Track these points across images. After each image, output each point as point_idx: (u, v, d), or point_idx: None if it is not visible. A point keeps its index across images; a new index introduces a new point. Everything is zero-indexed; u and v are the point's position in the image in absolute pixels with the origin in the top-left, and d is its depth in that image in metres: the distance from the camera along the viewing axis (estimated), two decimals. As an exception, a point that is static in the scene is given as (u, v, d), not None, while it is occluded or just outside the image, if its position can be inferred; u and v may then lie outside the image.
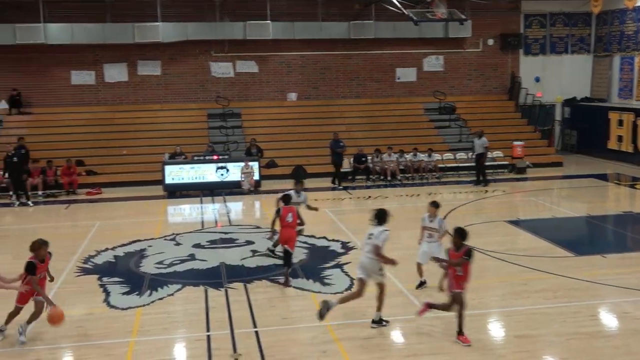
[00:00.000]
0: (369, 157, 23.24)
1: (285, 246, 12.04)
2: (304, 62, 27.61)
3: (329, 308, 9.62)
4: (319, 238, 15.10)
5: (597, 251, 13.89)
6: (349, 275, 12.39)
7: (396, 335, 9.81)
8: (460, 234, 9.43)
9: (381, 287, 9.91)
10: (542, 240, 14.74)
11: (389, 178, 22.77)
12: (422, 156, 23.57)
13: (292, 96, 27.51)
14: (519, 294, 11.26)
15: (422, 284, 11.62)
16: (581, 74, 29.71)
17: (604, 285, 11.63)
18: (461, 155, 24.70)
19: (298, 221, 12.50)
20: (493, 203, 19.34)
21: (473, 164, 22.88)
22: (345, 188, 21.71)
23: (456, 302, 9.31)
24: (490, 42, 28.68)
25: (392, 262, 9.73)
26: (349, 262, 13.21)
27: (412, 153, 23.57)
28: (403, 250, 14.25)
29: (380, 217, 9.97)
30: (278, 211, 12.38)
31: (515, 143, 24.50)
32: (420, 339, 9.51)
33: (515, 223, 16.53)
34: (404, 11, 23.64)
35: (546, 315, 10.27)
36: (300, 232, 13.27)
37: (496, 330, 10.05)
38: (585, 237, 16.13)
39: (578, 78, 29.56)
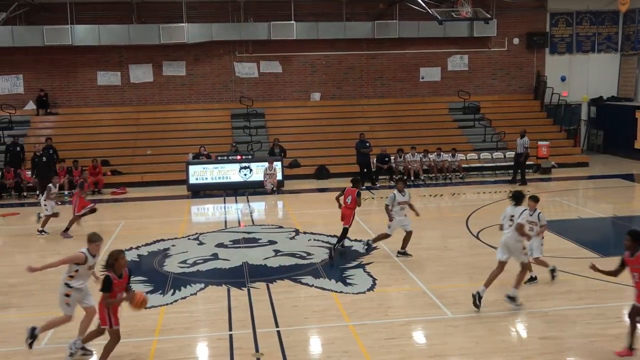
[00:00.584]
0: (392, 157, 23.18)
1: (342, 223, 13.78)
2: (327, 62, 27.64)
3: (480, 297, 10.29)
4: (341, 238, 15.07)
5: (623, 252, 13.66)
6: (371, 275, 12.38)
7: (418, 336, 9.78)
8: (636, 237, 8.82)
9: (523, 266, 10.58)
10: (568, 241, 14.59)
11: (412, 178, 22.68)
12: (446, 156, 23.46)
13: (316, 96, 27.55)
14: (544, 295, 11.15)
15: (532, 279, 11.56)
16: (608, 73, 29.33)
17: (630, 287, 11.44)
18: (485, 155, 24.54)
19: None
20: (517, 203, 19.16)
21: (506, 164, 23.28)
22: (368, 188, 21.68)
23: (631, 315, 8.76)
24: (516, 41, 28.45)
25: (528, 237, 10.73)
26: (371, 262, 13.21)
27: (435, 153, 23.46)
28: (426, 250, 14.30)
29: (518, 197, 10.84)
30: (343, 190, 14.16)
31: (541, 143, 24.27)
32: (443, 339, 9.46)
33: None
34: (429, 10, 23.56)
35: (570, 317, 10.17)
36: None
37: (520, 331, 9.97)
38: (611, 238, 15.92)
39: (605, 77, 29.19)
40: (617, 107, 27.82)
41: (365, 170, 22.41)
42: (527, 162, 23.72)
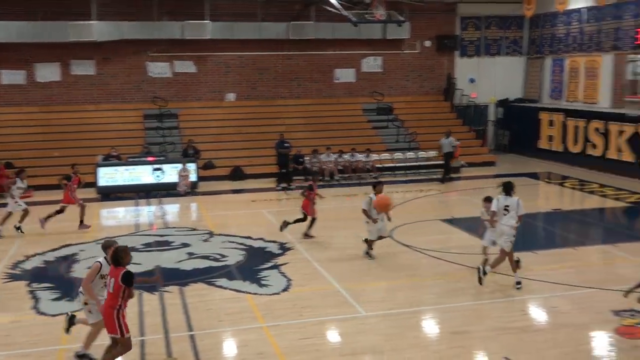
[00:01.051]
0: (307, 158, 23.29)
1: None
2: (242, 62, 27.44)
3: (482, 275, 11.28)
4: (255, 239, 15.03)
5: (528, 248, 14.26)
6: (285, 276, 12.38)
7: (332, 335, 9.86)
8: None
9: (506, 253, 11.42)
10: (476, 238, 15.01)
11: (327, 178, 22.85)
12: (360, 156, 23.76)
13: (231, 96, 27.32)
14: (454, 291, 11.44)
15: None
16: (514, 76, 30.47)
17: (534, 281, 11.94)
18: (398, 155, 25.00)
19: None
20: (428, 202, 19.65)
21: (419, 163, 24.04)
22: (283, 189, 21.68)
23: None
24: (428, 43, 29.12)
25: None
26: (286, 263, 13.21)
27: (350, 153, 23.72)
28: (340, 249, 14.42)
29: (509, 187, 11.50)
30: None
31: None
32: (356, 337, 9.56)
33: (450, 222, 16.82)
34: (343, 12, 23.78)
35: (479, 312, 10.49)
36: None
37: (432, 327, 10.21)
38: (517, 235, 16.48)
39: (511, 79, 30.31)
40: (523, 109, 28.93)
41: (284, 170, 22.41)
42: (437, 162, 24.38)
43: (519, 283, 11.42)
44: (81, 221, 16.25)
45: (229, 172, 23.46)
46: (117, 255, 8.09)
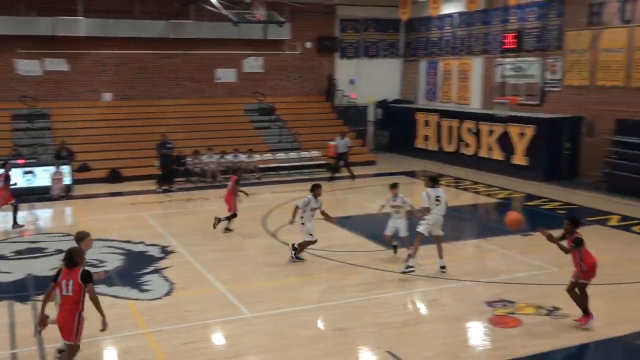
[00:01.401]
0: (188, 159, 22.89)
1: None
2: (120, 61, 26.55)
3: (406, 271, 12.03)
4: (136, 243, 14.59)
5: (406, 244, 14.69)
6: (168, 280, 12.09)
7: (217, 337, 9.74)
8: (572, 222, 9.81)
9: (440, 239, 12.38)
10: (357, 235, 15.36)
11: (209, 179, 22.56)
12: (243, 157, 23.63)
13: (107, 96, 26.39)
14: (336, 288, 11.61)
15: (394, 247, 13.45)
16: (392, 77, 31.40)
17: (413, 276, 12.32)
18: (281, 155, 25.09)
19: None
20: (312, 201, 19.81)
21: (302, 164, 24.49)
22: (165, 191, 21.19)
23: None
24: (308, 44, 29.42)
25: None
26: (169, 267, 12.91)
27: (232, 154, 23.54)
28: (224, 251, 14.30)
29: (435, 180, 12.43)
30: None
31: (331, 143, 25.31)
32: (241, 339, 9.49)
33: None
34: (223, 11, 23.56)
35: (362, 308, 10.69)
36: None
37: (316, 325, 10.29)
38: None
39: (389, 81, 31.21)
40: (400, 109, 29.86)
41: (167, 172, 21.86)
42: (320, 162, 24.71)
43: (443, 267, 12.39)
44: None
45: (106, 174, 22.64)
46: (74, 256, 7.92)
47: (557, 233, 10.02)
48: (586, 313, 9.74)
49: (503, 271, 12.73)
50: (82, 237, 8.89)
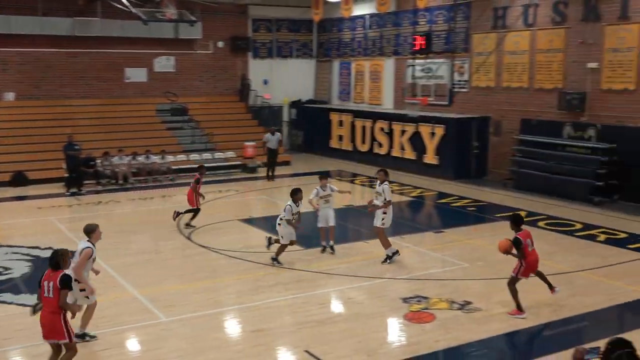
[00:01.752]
0: (98, 161, 22.24)
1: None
2: (23, 59, 25.46)
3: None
4: (44, 249, 14.04)
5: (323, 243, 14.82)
6: (79, 286, 11.69)
7: (133, 344, 9.51)
8: (513, 220, 10.44)
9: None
10: (274, 236, 15.30)
11: (120, 181, 21.99)
12: (155, 158, 23.16)
13: (10, 96, 25.25)
14: (254, 289, 11.55)
15: (324, 247, 13.85)
16: (305, 77, 31.56)
17: (330, 275, 12.44)
18: (195, 156, 24.75)
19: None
20: (227, 203, 19.67)
21: (216, 164, 24.17)
22: (73, 194, 20.50)
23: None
24: (221, 44, 29.15)
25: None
26: (79, 272, 12.49)
27: (144, 155, 23.02)
28: (137, 254, 13.98)
29: (385, 174, 13.17)
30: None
31: (247, 143, 25.22)
32: (158, 344, 9.30)
33: (248, 221, 16.98)
34: (132, 10, 23.01)
35: (279, 308, 10.69)
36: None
37: (233, 327, 10.22)
38: (313, 231, 17.09)
39: (303, 81, 31.36)
40: (314, 109, 30.04)
41: (74, 174, 21.14)
42: (235, 163, 24.54)
43: (388, 257, 12.98)
44: None
45: (10, 177, 21.68)
46: (58, 258, 7.97)
47: (467, 230, 10.33)
48: (520, 308, 10.22)
49: (417, 268, 13.02)
50: (91, 229, 9.27)
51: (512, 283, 10.29)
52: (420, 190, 21.22)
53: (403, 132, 24.73)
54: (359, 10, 27.88)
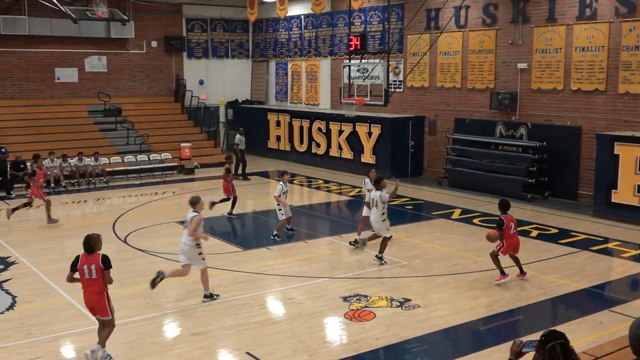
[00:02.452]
0: (28, 164, 21.52)
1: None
2: (-55, 59, 24.51)
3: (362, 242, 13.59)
4: (-29, 255, 13.52)
5: (263, 244, 14.79)
6: (10, 293, 11.31)
7: (67, 351, 9.26)
8: (501, 205, 11.63)
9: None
10: (213, 238, 15.16)
11: (52, 185, 21.36)
12: (88, 160, 22.58)
13: None
14: (193, 292, 11.39)
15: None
16: (242, 78, 31.38)
17: (271, 275, 12.41)
18: (130, 158, 24.26)
19: None
20: (163, 205, 19.37)
21: (151, 166, 23.91)
22: (2, 198, 19.79)
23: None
24: (154, 44, 28.67)
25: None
26: (10, 279, 12.08)
27: (77, 157, 22.42)
28: (69, 260, 13.52)
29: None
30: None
31: (183, 144, 24.89)
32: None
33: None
34: (61, 8, 22.39)
35: (219, 310, 10.58)
36: None
37: (172, 330, 10.05)
38: (252, 232, 17.05)
39: (239, 81, 31.17)
40: (251, 110, 29.90)
41: (1, 178, 20.40)
42: (171, 165, 24.20)
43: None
44: (49, 216, 16.51)
45: None
46: (91, 242, 8.56)
47: (405, 228, 10.45)
48: (503, 273, 11.61)
49: (357, 266, 13.11)
50: (196, 201, 11.15)
51: (494, 255, 11.59)
52: (358, 190, 21.36)
53: (340, 132, 24.88)
54: (294, 11, 27.90)
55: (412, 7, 23.07)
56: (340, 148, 24.96)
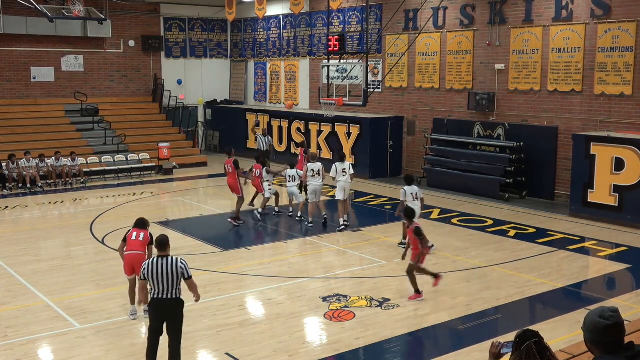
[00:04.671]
0: (4, 164, 21.26)
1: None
2: None
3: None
4: (-54, 257, 13.32)
5: (242, 245, 14.75)
6: (-16, 295, 11.16)
7: (45, 353, 9.15)
8: (406, 214, 11.54)
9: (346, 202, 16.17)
10: (192, 238, 15.12)
11: (28, 185, 21.11)
12: (65, 160, 22.35)
13: None
14: (172, 293, 11.31)
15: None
16: (221, 78, 31.26)
17: (250, 276, 12.37)
18: (107, 158, 24.06)
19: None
20: (142, 205, 19.23)
21: (129, 166, 23.75)
22: (-23, 199, 19.56)
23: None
24: (132, 43, 28.45)
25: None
26: (-15, 281, 11.92)
27: (53, 157, 22.18)
28: (49, 261, 13.45)
29: (343, 156, 16.95)
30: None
31: (161, 145, 24.72)
32: (71, 352, 8.97)
33: (165, 224, 16.64)
34: (37, 6, 22.14)
35: (198, 311, 10.50)
36: None
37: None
38: (231, 233, 16.97)
39: (218, 81, 31.05)
40: (230, 110, 29.79)
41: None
42: (149, 165, 24.04)
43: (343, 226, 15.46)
44: None
45: None
46: (144, 221, 10.38)
47: (384, 228, 10.48)
48: (417, 292, 10.93)
49: (336, 267, 13.13)
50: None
51: (412, 271, 10.88)
52: (337, 190, 21.38)
53: (320, 132, 24.88)
54: (273, 11, 27.85)
55: (390, 8, 23.14)
56: (319, 148, 24.95)
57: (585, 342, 3.93)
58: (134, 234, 10.11)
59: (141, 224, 10.27)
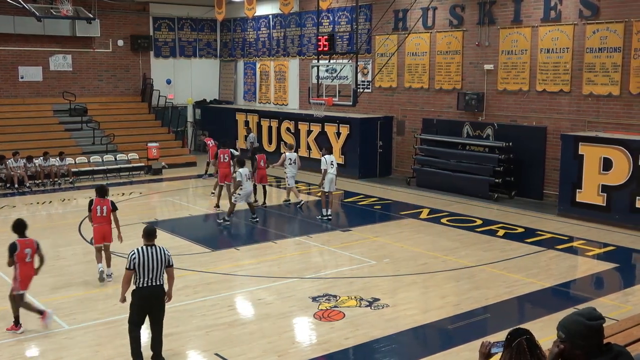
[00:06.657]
0: (-7, 164, 21.15)
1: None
2: None
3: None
4: None
5: (231, 245, 14.73)
6: (-28, 296, 11.07)
7: (33, 354, 9.11)
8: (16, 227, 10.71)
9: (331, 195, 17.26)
10: (181, 238, 15.09)
11: (16, 186, 20.99)
12: (53, 160, 22.23)
13: None
14: (161, 294, 11.28)
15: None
16: (210, 77, 31.20)
17: (239, 276, 12.36)
18: (96, 158, 23.96)
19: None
20: (131, 205, 19.15)
21: (118, 166, 23.82)
22: (-36, 199, 19.42)
23: None
24: (121, 43, 28.35)
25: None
26: (-28, 282, 11.83)
27: (42, 157, 22.06)
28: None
29: (331, 150, 18.34)
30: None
31: (150, 144, 24.64)
32: (59, 353, 8.94)
33: (154, 224, 16.56)
34: (25, 5, 22.00)
35: (187, 312, 10.50)
36: None
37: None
38: (220, 233, 16.94)
39: (207, 81, 30.99)
40: (220, 110, 29.74)
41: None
42: (138, 165, 23.95)
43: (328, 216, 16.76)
44: None
45: None
46: (105, 188, 12.00)
47: (373, 228, 10.47)
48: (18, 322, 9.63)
49: (326, 266, 13.13)
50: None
51: (21, 299, 9.74)
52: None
53: (309, 132, 24.87)
54: (262, 11, 27.81)
55: (380, 8, 23.17)
56: (309, 148, 24.95)
57: (556, 345, 3.88)
58: (98, 208, 11.69)
59: (101, 192, 11.79)
